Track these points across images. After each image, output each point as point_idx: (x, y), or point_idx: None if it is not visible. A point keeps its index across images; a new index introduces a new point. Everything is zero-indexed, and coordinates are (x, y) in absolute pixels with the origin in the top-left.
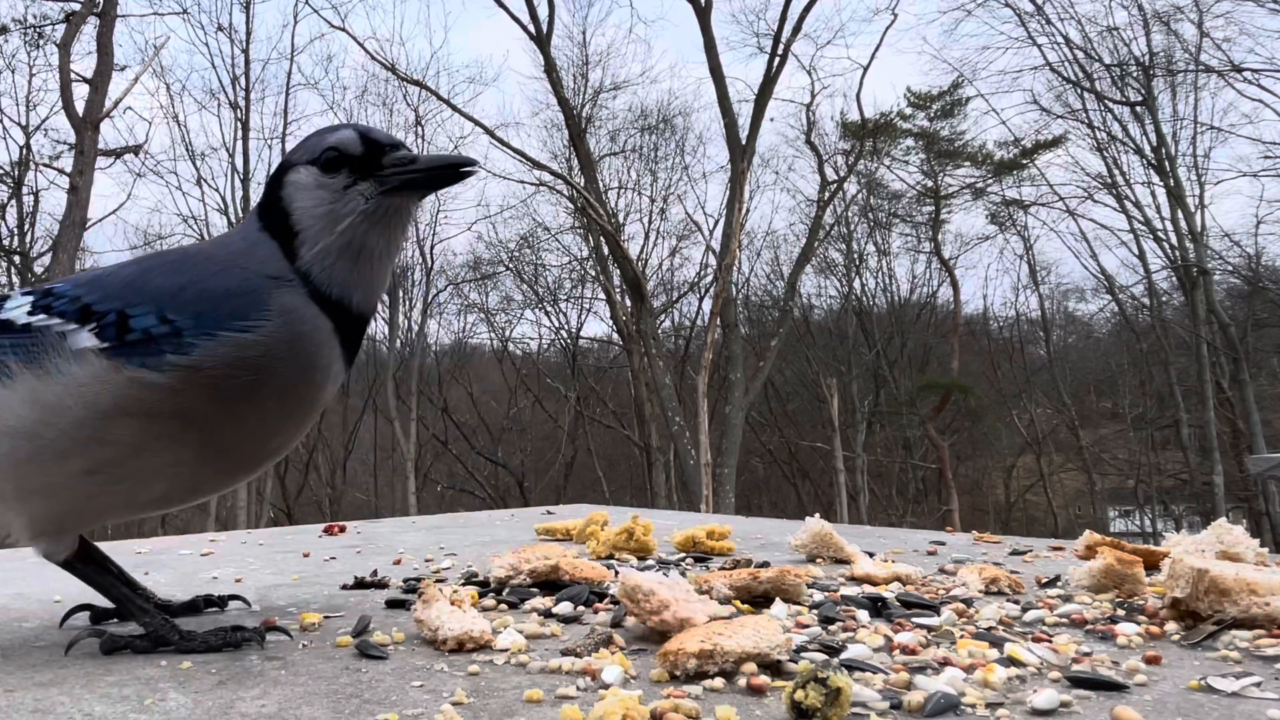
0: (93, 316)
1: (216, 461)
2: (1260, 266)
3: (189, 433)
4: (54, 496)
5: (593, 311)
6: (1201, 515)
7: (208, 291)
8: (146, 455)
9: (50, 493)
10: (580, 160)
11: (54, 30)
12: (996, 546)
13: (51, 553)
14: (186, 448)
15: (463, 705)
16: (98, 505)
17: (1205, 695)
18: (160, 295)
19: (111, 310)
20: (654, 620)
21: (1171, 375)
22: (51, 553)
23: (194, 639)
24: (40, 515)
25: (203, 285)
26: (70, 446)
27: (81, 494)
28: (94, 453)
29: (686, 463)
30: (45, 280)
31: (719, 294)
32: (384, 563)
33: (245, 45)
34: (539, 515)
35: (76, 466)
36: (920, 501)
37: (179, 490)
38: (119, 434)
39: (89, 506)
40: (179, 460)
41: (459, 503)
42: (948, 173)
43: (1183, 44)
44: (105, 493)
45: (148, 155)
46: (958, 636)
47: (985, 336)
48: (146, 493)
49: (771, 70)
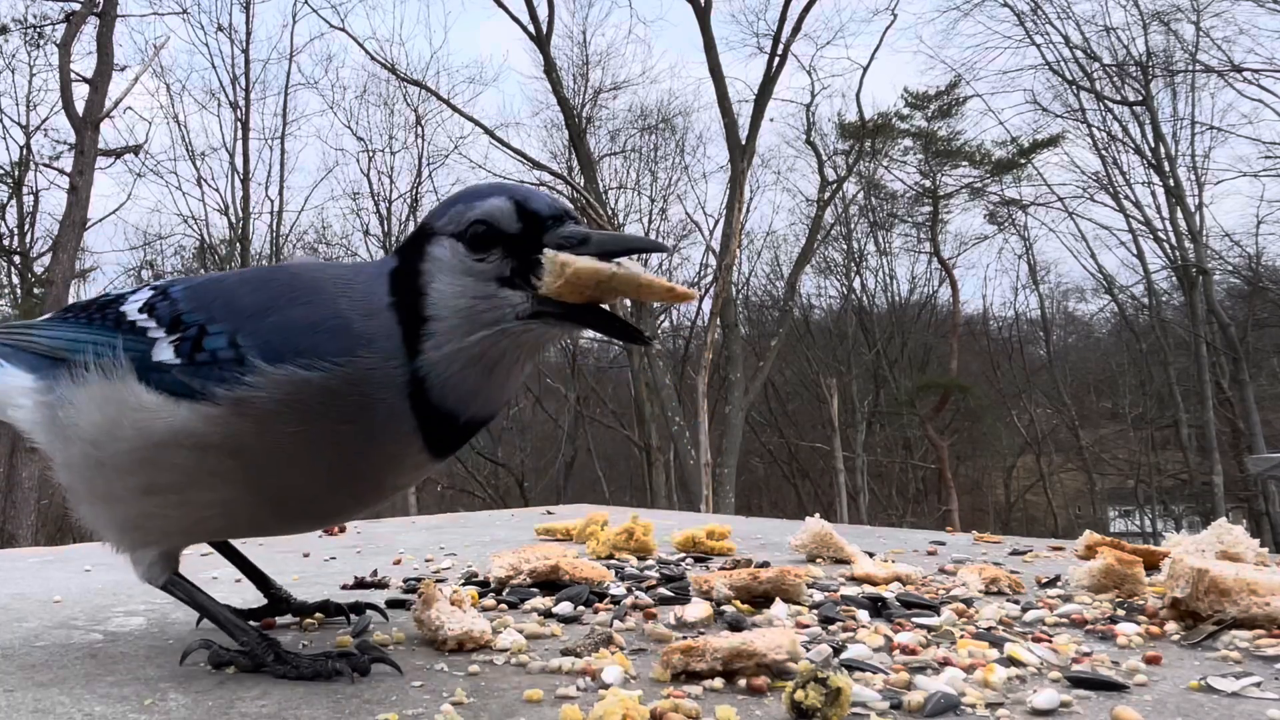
0: (179, 327)
1: (272, 507)
2: (1260, 266)
3: (241, 472)
4: (119, 506)
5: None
6: (1201, 515)
7: (286, 321)
8: (198, 489)
9: (115, 501)
10: (580, 160)
11: (54, 30)
12: (996, 546)
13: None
14: (238, 486)
15: (463, 705)
16: (162, 525)
17: (1205, 695)
18: (240, 315)
19: (195, 324)
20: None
21: (1171, 375)
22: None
23: (288, 663)
24: (114, 524)
25: (285, 312)
26: (128, 464)
27: (143, 510)
28: (149, 474)
29: (686, 463)
30: (46, 280)
31: (719, 294)
32: (384, 563)
33: (245, 45)
34: (539, 515)
35: (134, 483)
36: (920, 501)
37: (239, 525)
38: (172, 460)
39: (155, 525)
40: (232, 497)
41: (459, 503)
42: (946, 173)
43: (1182, 44)
44: (164, 515)
45: (148, 155)
46: (958, 636)
47: (985, 336)
48: (206, 524)
49: (771, 70)
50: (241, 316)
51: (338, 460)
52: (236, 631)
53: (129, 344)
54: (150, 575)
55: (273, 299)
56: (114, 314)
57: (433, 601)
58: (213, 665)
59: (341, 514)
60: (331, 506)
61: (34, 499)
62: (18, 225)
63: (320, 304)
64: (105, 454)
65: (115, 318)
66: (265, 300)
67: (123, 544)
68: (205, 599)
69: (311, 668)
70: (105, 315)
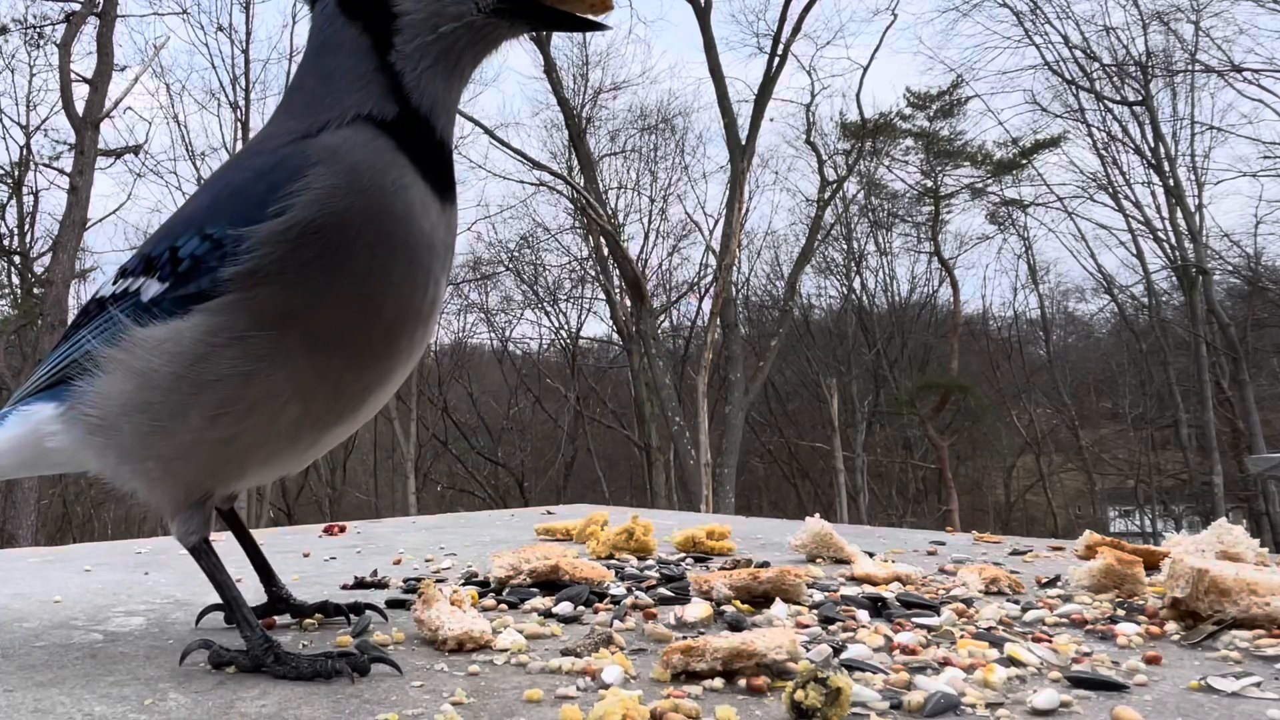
0: (153, 264)
1: (338, 356)
2: (1260, 266)
3: (288, 337)
4: (194, 454)
5: (593, 311)
6: (1201, 515)
7: (233, 187)
8: (258, 379)
9: (188, 452)
10: (580, 160)
11: (54, 30)
12: (996, 546)
13: (187, 532)
14: (293, 354)
15: (463, 705)
16: (242, 447)
17: (1205, 695)
18: (198, 214)
19: (164, 250)
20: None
21: (1171, 375)
22: (187, 532)
23: (287, 664)
24: (193, 478)
25: (230, 183)
26: (180, 401)
27: (217, 441)
28: (205, 398)
29: (686, 463)
30: (46, 280)
31: (719, 294)
32: (384, 563)
33: (245, 45)
34: (539, 515)
35: (197, 418)
36: (920, 501)
37: (320, 402)
38: (218, 370)
39: (233, 452)
40: (294, 370)
41: (459, 503)
42: (947, 173)
43: (1181, 43)
44: (241, 432)
45: (148, 155)
46: (958, 636)
47: (985, 336)
48: (284, 417)
49: (771, 70)
50: (201, 213)
51: (370, 245)
52: (243, 623)
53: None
54: (188, 530)
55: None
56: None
57: (433, 601)
58: (212, 665)
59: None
60: (391, 311)
61: (34, 499)
62: (18, 225)
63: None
64: (156, 410)
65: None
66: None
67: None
68: (225, 577)
69: (311, 668)
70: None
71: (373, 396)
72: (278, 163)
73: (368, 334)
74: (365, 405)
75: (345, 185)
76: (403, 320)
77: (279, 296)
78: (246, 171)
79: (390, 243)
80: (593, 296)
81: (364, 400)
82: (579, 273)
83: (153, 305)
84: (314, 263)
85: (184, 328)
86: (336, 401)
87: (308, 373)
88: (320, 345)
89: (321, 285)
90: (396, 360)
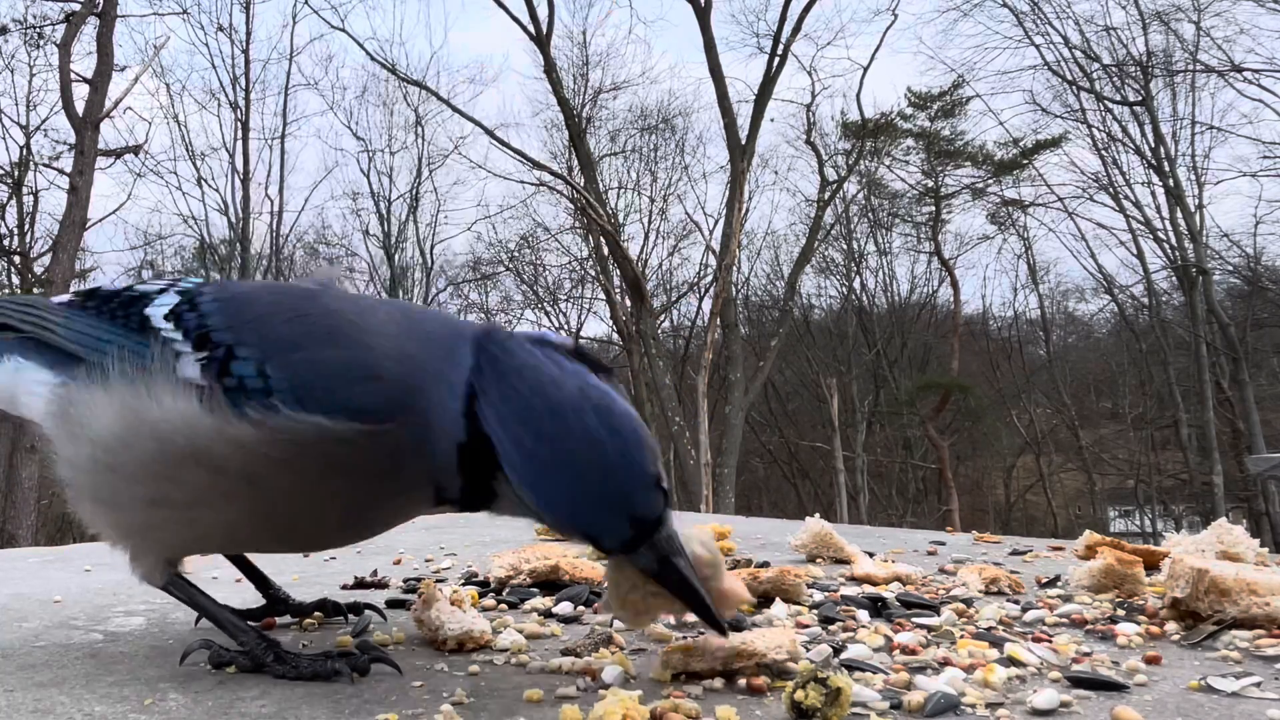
0: (206, 344)
1: (276, 534)
2: (1260, 266)
3: (252, 500)
4: (122, 513)
5: (593, 311)
6: (1201, 515)
7: (317, 362)
8: (206, 508)
9: (117, 507)
10: (580, 160)
11: (54, 30)
12: (996, 546)
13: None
14: (246, 512)
15: (463, 705)
16: (163, 536)
17: (1205, 695)
18: (271, 344)
19: (223, 345)
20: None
21: (1171, 375)
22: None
23: (287, 663)
24: (115, 528)
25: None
26: (138, 472)
27: (146, 520)
28: (160, 487)
29: (686, 463)
30: (46, 280)
31: (719, 294)
32: (384, 563)
33: (245, 45)
34: None
35: (141, 493)
36: (920, 501)
37: (240, 545)
38: (185, 478)
39: (156, 535)
40: (238, 521)
41: None
42: (948, 173)
43: (1182, 43)
44: (166, 527)
45: (148, 155)
46: (958, 636)
47: (985, 336)
48: (207, 541)
49: (771, 70)
50: (271, 345)
51: (352, 505)
52: (236, 632)
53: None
54: (149, 579)
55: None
56: (138, 315)
57: (433, 601)
58: (213, 665)
59: (350, 542)
60: (336, 540)
61: (34, 499)
62: (18, 225)
63: (356, 348)
64: (116, 460)
65: (140, 320)
66: (299, 332)
67: (122, 546)
68: (205, 600)
69: (311, 668)
70: (129, 316)
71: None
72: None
73: (311, 538)
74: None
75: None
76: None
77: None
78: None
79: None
80: (593, 296)
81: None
82: (579, 273)
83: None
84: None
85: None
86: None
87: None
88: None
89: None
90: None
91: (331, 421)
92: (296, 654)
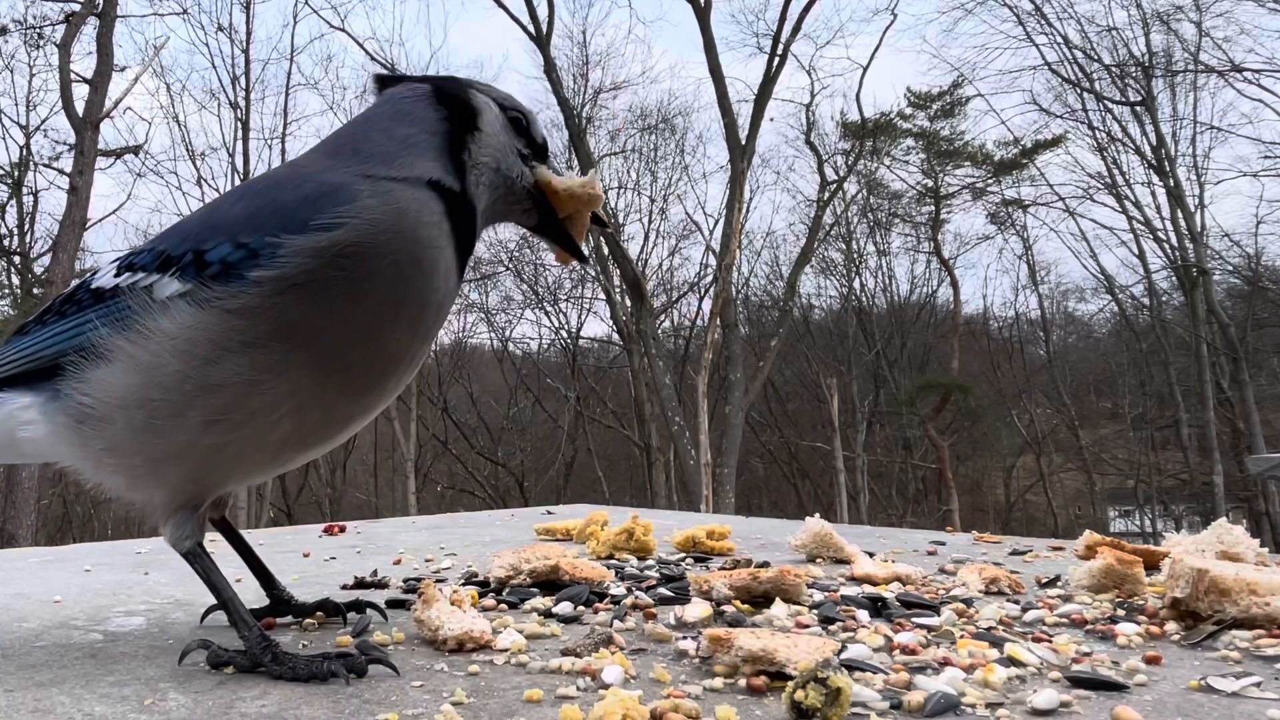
0: (172, 263)
1: (336, 379)
2: (1260, 266)
3: (297, 352)
4: (183, 458)
5: (593, 311)
6: (1201, 515)
7: (277, 204)
8: (261, 389)
9: (179, 454)
10: (580, 160)
11: (54, 30)
12: (996, 546)
13: (180, 536)
14: (299, 369)
15: (463, 705)
16: (230, 456)
17: (1205, 695)
18: (233, 223)
19: (187, 251)
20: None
21: (1171, 375)
22: (180, 536)
23: (284, 664)
24: (177, 482)
25: (273, 199)
26: (181, 401)
27: (209, 447)
28: (206, 401)
29: (686, 463)
30: (46, 280)
31: (719, 294)
32: (384, 563)
33: (245, 45)
34: (539, 515)
35: (194, 420)
36: (920, 501)
37: (310, 422)
38: (225, 375)
39: (221, 460)
40: (296, 386)
41: (459, 503)
42: (948, 173)
43: (1182, 43)
44: (232, 440)
45: (148, 155)
46: (958, 636)
47: (985, 336)
48: (276, 432)
49: (771, 70)
50: (237, 223)
51: (391, 284)
52: (240, 623)
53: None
54: (182, 534)
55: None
56: (85, 296)
57: (433, 601)
58: (211, 665)
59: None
60: (394, 350)
61: (34, 499)
62: (18, 225)
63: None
64: (154, 406)
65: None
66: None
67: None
68: (220, 579)
69: (307, 669)
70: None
71: (353, 424)
72: (331, 189)
73: (367, 365)
74: (344, 432)
75: (391, 223)
76: (398, 361)
77: (298, 308)
78: (291, 192)
79: (409, 288)
80: (593, 296)
81: (346, 427)
82: (579, 273)
83: (168, 302)
84: (339, 282)
85: (198, 326)
86: (324, 424)
87: (306, 391)
88: (324, 367)
89: (340, 307)
90: (382, 396)
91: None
92: (294, 655)
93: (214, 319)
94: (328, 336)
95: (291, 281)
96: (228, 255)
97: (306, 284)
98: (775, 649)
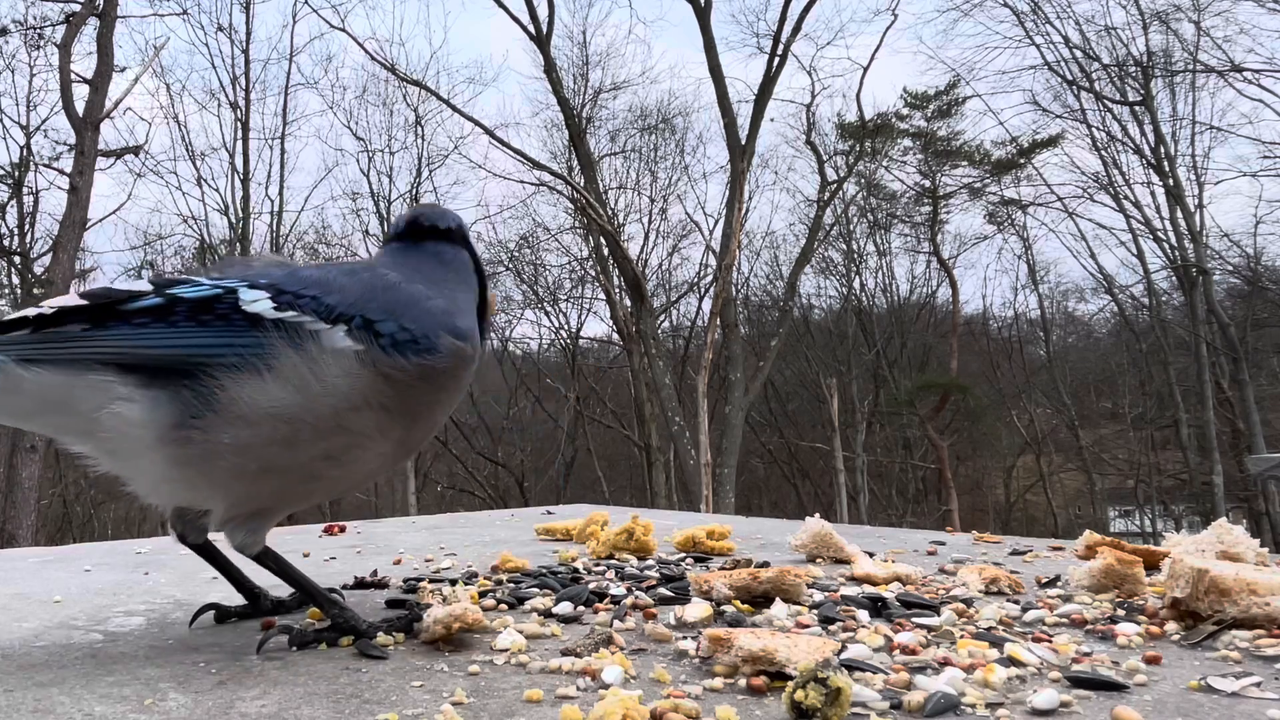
0: (341, 320)
1: (411, 442)
2: (1260, 266)
3: (405, 419)
4: (288, 475)
5: (593, 311)
6: (1201, 515)
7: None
8: (374, 441)
9: (287, 471)
10: (580, 160)
11: (54, 31)
12: (996, 546)
13: (253, 542)
14: (399, 431)
15: (463, 705)
16: (316, 486)
17: (1205, 695)
18: (394, 308)
19: (357, 316)
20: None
21: (1171, 375)
22: (253, 542)
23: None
24: (267, 493)
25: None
26: (319, 432)
27: (311, 473)
28: (335, 439)
29: (686, 463)
30: (46, 280)
31: (719, 294)
32: (384, 563)
33: (245, 45)
34: (539, 515)
35: (319, 450)
36: (920, 501)
37: (376, 471)
38: (359, 423)
39: (309, 487)
40: (391, 444)
41: (459, 503)
42: (946, 173)
43: (1182, 43)
44: (330, 475)
45: (148, 155)
46: (958, 636)
47: (985, 336)
48: (356, 475)
49: (771, 70)
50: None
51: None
52: (327, 604)
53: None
54: (255, 540)
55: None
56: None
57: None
58: (296, 646)
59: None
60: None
61: (34, 499)
62: (18, 225)
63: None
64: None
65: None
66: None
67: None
68: (296, 572)
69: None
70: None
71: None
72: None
73: (428, 434)
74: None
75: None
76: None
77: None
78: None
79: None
80: (593, 296)
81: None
82: (579, 273)
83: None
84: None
85: (359, 378)
86: (377, 472)
87: (393, 448)
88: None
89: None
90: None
91: (461, 342)
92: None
93: (371, 378)
94: (424, 411)
95: (433, 368)
96: (396, 334)
97: (439, 375)
98: (775, 649)
